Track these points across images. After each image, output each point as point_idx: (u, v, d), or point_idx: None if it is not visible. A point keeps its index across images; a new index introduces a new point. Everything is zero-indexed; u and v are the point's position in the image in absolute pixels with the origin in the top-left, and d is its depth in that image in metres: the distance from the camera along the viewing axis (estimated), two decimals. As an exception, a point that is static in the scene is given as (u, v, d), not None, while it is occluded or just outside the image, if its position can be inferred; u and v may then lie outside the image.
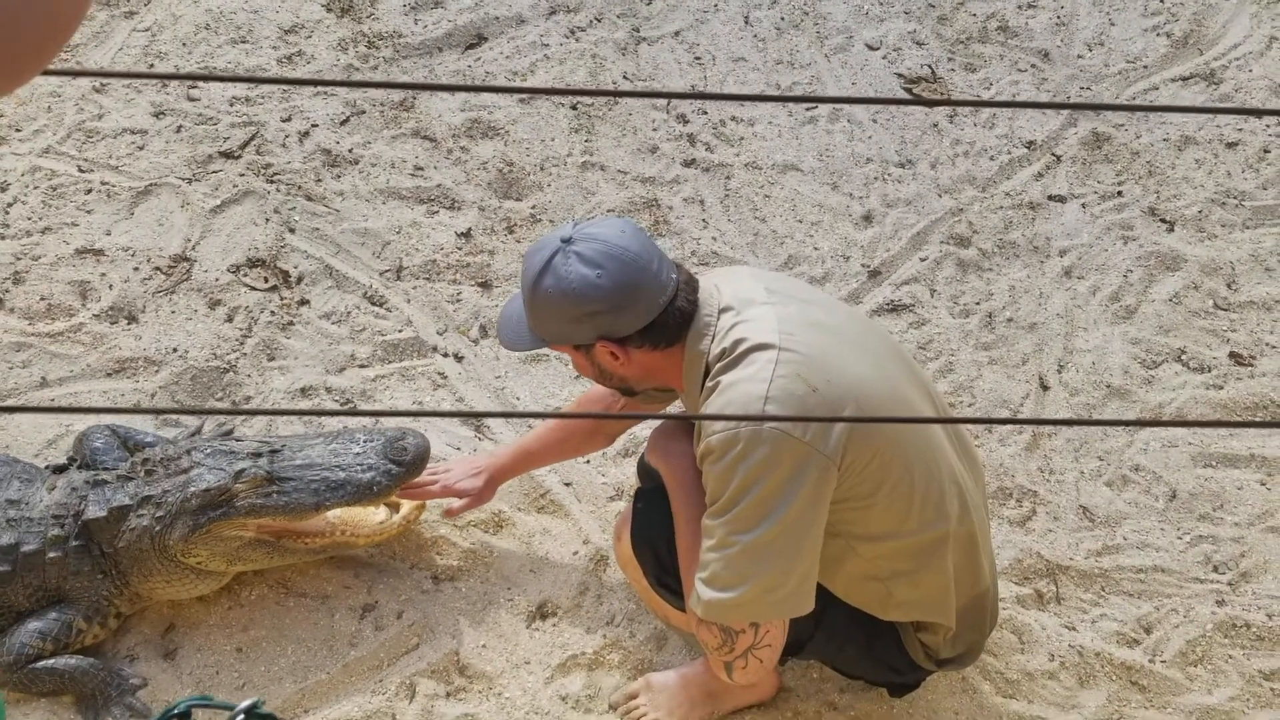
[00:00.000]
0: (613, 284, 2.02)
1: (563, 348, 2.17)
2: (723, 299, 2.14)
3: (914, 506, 2.14)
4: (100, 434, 2.90)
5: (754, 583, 2.05)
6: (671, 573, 2.29)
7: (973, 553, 2.30)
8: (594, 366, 2.18)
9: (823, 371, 2.02)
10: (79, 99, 3.92)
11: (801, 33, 4.30)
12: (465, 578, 2.87)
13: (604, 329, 2.07)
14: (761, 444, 1.98)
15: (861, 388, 2.05)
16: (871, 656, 2.37)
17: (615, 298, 2.03)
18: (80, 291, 3.41)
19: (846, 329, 2.16)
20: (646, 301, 2.06)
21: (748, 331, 2.06)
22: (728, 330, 2.09)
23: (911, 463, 2.12)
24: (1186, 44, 4.26)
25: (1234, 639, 2.79)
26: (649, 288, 2.06)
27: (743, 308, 2.11)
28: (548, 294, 2.06)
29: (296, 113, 3.93)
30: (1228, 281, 3.55)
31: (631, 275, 2.04)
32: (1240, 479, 3.10)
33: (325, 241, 3.58)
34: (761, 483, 2.00)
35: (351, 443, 2.74)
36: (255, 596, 2.82)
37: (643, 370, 2.15)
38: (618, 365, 2.14)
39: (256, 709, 0.81)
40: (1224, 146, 3.92)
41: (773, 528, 2.01)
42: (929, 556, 2.20)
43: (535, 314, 2.12)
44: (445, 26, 4.23)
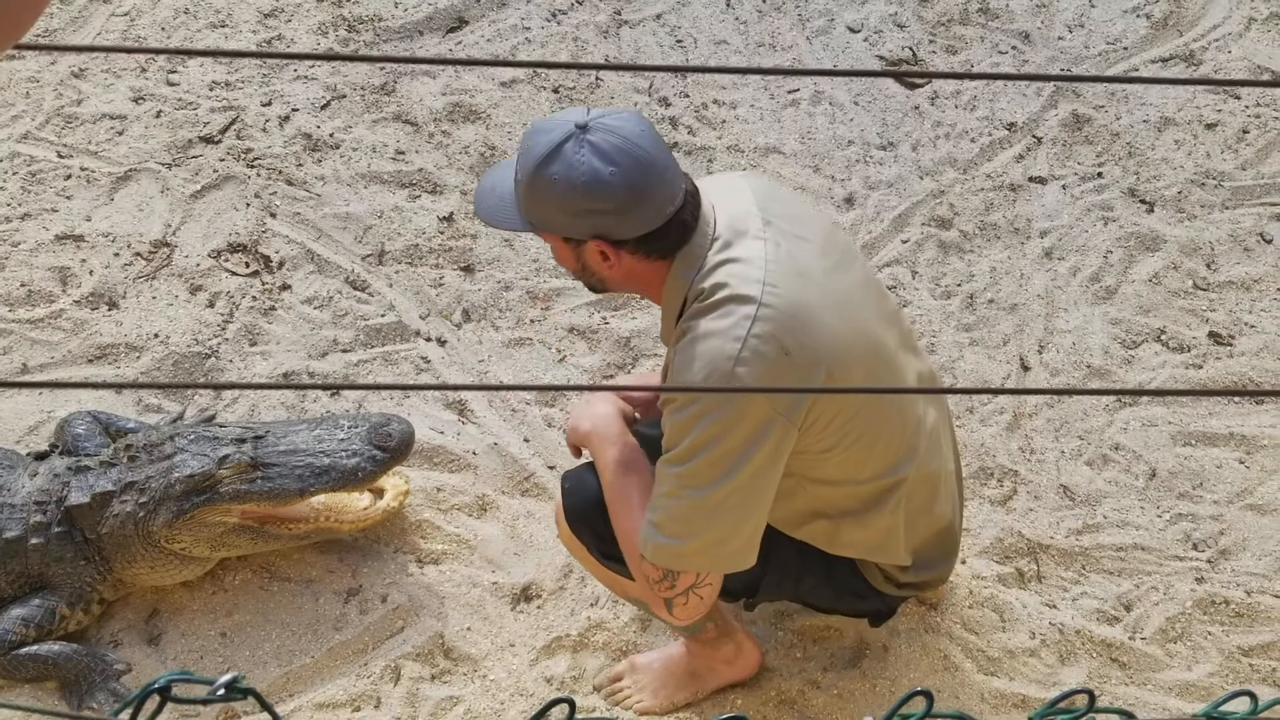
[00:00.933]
0: (624, 184, 1.90)
1: (550, 236, 2.05)
2: (718, 225, 2.05)
3: (871, 458, 2.14)
4: (82, 420, 2.89)
5: (702, 536, 2.03)
6: (611, 542, 2.25)
7: (931, 493, 2.28)
8: (577, 261, 2.07)
9: (799, 333, 1.96)
10: (57, 84, 3.90)
11: (783, 15, 4.30)
12: (450, 561, 2.88)
13: (603, 228, 1.96)
14: (725, 402, 1.96)
15: (836, 349, 2.00)
16: (833, 584, 2.35)
17: (624, 199, 1.92)
18: (60, 278, 3.40)
19: (830, 274, 2.09)
20: (653, 209, 1.95)
21: (731, 276, 1.98)
22: (714, 268, 2.00)
23: (875, 419, 2.11)
24: (1166, 25, 4.28)
25: (1213, 616, 2.82)
26: (658, 195, 1.95)
27: (734, 240, 2.02)
28: (552, 180, 1.92)
29: (277, 97, 3.91)
30: (1207, 262, 3.57)
31: (644, 178, 1.92)
32: (1219, 457, 3.13)
33: (307, 226, 3.57)
34: (720, 441, 1.96)
35: (336, 428, 2.74)
36: (239, 581, 2.82)
37: (627, 276, 2.06)
38: (604, 266, 2.04)
39: (237, 684, 0.82)
40: (1203, 128, 3.94)
41: (726, 486, 1.98)
42: (880, 501, 2.19)
43: (531, 197, 1.98)
44: (426, 10, 4.22)
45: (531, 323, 3.37)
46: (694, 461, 1.99)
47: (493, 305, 3.40)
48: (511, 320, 3.38)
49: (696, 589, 2.12)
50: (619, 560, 2.28)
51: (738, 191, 2.13)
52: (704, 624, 2.48)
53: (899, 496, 2.20)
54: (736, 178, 2.18)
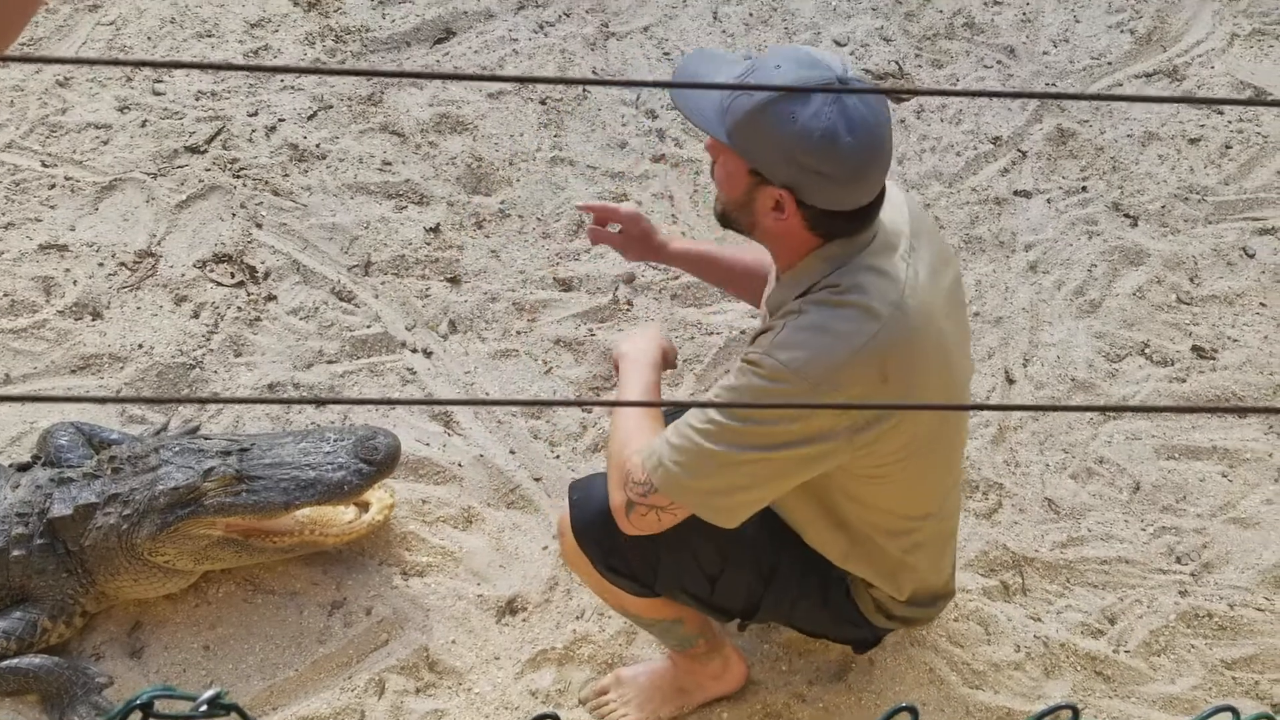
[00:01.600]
0: (851, 157, 1.85)
1: (733, 157, 1.94)
2: (880, 231, 2.02)
3: (910, 499, 2.18)
4: (65, 431, 2.88)
5: (706, 481, 2.01)
6: (617, 554, 2.24)
7: (942, 546, 2.35)
8: (745, 195, 1.97)
9: (903, 366, 1.96)
10: (42, 93, 3.88)
11: (770, 28, 4.32)
12: (435, 573, 2.87)
13: (803, 185, 1.88)
14: (803, 399, 1.93)
15: (924, 393, 2.00)
16: (827, 610, 2.36)
17: (842, 170, 1.86)
18: (44, 287, 3.38)
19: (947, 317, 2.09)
20: (856, 192, 1.91)
21: (871, 286, 1.94)
22: (859, 269, 1.96)
23: (928, 464, 2.15)
24: (1150, 41, 4.30)
25: (1196, 629, 2.83)
26: (869, 183, 1.91)
27: (885, 251, 1.99)
28: (788, 119, 1.83)
29: (263, 107, 3.91)
30: (1190, 276, 3.59)
31: (870, 161, 1.87)
32: (1202, 471, 3.14)
33: (293, 237, 3.56)
34: (777, 424, 1.95)
35: (322, 441, 2.73)
36: (223, 594, 2.81)
37: (779, 232, 1.99)
38: (767, 213, 1.96)
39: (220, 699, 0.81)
40: (1187, 143, 3.96)
41: (757, 455, 1.97)
42: (902, 536, 2.23)
43: (753, 122, 1.87)
44: (413, 21, 4.22)
45: (518, 334, 3.37)
46: (745, 423, 1.95)
47: (479, 317, 3.40)
48: (498, 332, 3.37)
49: (662, 512, 2.07)
50: (622, 574, 2.28)
51: (896, 206, 2.09)
52: (695, 639, 2.49)
53: (919, 539, 2.24)
54: (895, 189, 2.13)
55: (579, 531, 2.29)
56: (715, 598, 2.32)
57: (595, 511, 2.24)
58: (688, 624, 2.45)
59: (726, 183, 2.00)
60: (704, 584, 2.29)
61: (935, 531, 2.29)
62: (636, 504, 2.09)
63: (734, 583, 2.30)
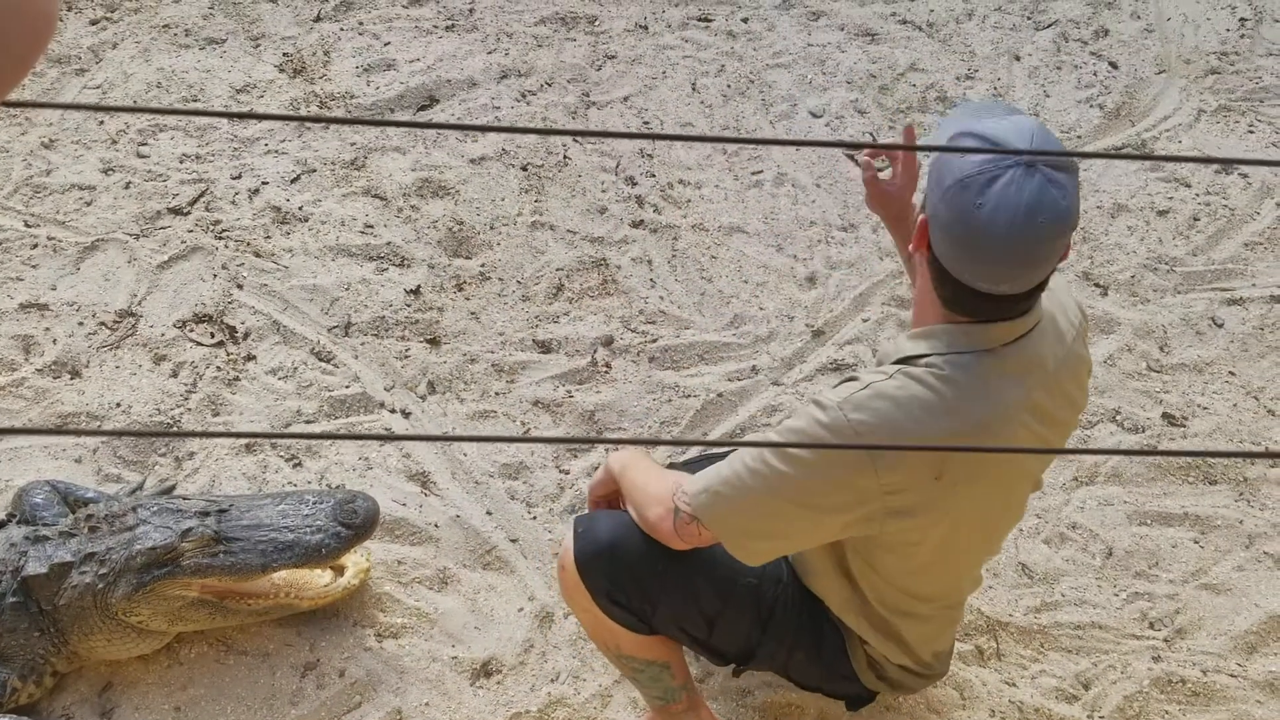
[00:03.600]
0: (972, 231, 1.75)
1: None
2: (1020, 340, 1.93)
3: (923, 582, 2.19)
4: (40, 489, 2.87)
5: (744, 517, 2.01)
6: (619, 587, 2.24)
7: (945, 626, 2.36)
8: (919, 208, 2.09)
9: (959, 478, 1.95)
10: (27, 154, 3.91)
11: (747, 100, 4.40)
12: (409, 635, 2.85)
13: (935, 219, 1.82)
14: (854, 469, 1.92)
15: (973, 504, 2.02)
16: (821, 662, 2.36)
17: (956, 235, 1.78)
18: (24, 346, 3.39)
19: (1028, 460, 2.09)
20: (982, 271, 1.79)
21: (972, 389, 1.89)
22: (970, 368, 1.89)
23: (956, 558, 2.16)
24: (1119, 115, 4.41)
25: (1170, 694, 2.84)
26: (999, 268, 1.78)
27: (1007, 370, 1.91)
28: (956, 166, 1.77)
29: (247, 170, 3.95)
30: (1160, 344, 3.65)
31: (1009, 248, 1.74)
32: (1175, 537, 3.17)
33: (273, 297, 3.58)
34: (825, 484, 1.94)
35: (301, 504, 2.72)
36: (195, 654, 2.78)
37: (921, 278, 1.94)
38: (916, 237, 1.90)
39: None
40: (1155, 214, 4.05)
41: (795, 510, 1.97)
42: (902, 615, 2.25)
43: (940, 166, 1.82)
44: (397, 88, 4.28)
45: (496, 395, 3.39)
46: (795, 472, 1.95)
47: (458, 378, 3.42)
48: (476, 393, 3.39)
49: (704, 533, 2.09)
50: (621, 607, 2.25)
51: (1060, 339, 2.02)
52: (679, 692, 2.47)
53: (921, 616, 2.26)
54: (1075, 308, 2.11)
55: (583, 562, 2.26)
56: (713, 640, 2.32)
57: (600, 542, 2.24)
58: (675, 672, 2.43)
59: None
60: (702, 625, 2.29)
61: (942, 614, 2.31)
62: (682, 529, 2.10)
63: (732, 627, 2.30)
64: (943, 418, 1.87)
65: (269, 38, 4.46)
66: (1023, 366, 1.92)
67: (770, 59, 4.57)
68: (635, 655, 2.38)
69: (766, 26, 4.73)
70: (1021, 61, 4.63)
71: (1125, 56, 4.67)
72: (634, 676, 2.47)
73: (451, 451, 3.24)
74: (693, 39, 4.63)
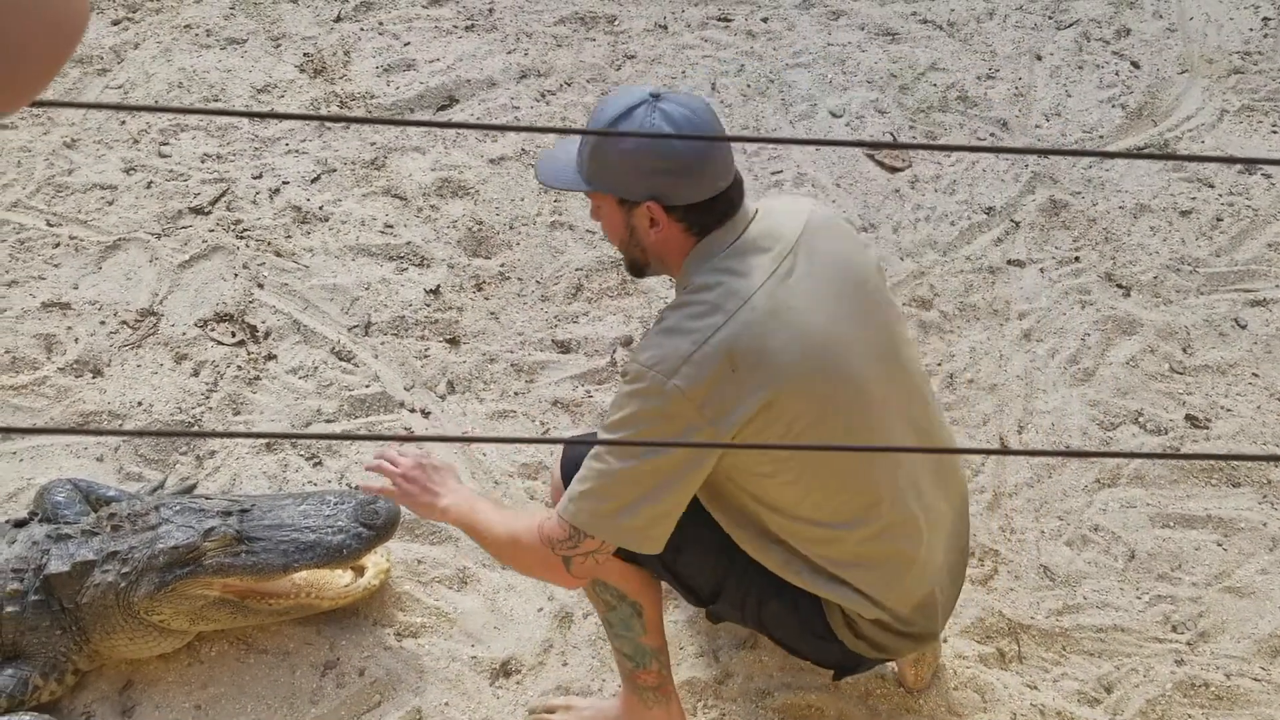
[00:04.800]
0: (688, 148, 2.02)
1: (605, 199, 2.14)
2: (750, 228, 2.13)
3: (818, 503, 2.15)
4: (62, 488, 2.88)
5: (612, 501, 2.10)
6: None
7: (899, 570, 2.25)
8: (626, 227, 2.14)
9: (753, 355, 2.03)
10: (49, 154, 3.94)
11: (767, 100, 4.39)
12: (429, 634, 2.86)
13: (661, 190, 2.05)
14: (661, 396, 2.03)
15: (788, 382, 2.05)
16: (798, 616, 2.32)
17: (685, 162, 2.03)
18: (46, 345, 3.40)
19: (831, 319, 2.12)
20: (709, 178, 2.05)
21: (720, 281, 2.06)
22: (717, 269, 2.08)
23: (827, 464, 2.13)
24: (1141, 115, 4.38)
25: (1193, 698, 2.82)
26: (716, 166, 2.06)
27: (752, 251, 2.10)
28: (620, 140, 2.04)
29: (267, 170, 3.96)
30: (1183, 346, 3.62)
31: (705, 147, 2.04)
32: (1198, 539, 3.15)
33: (294, 297, 3.59)
34: (644, 423, 2.06)
35: (322, 504, 2.73)
36: (215, 653, 2.79)
37: (665, 247, 2.14)
38: (650, 232, 2.11)
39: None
40: (1178, 215, 4.02)
41: (640, 465, 2.07)
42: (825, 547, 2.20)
43: (598, 155, 2.08)
44: (417, 88, 4.29)
45: (515, 395, 3.39)
46: (621, 431, 2.08)
47: (477, 378, 3.42)
48: (496, 393, 3.39)
49: (596, 555, 2.17)
50: None
51: (795, 215, 2.20)
52: (648, 657, 2.45)
53: (852, 551, 2.20)
54: (808, 204, 2.25)
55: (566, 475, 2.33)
56: (679, 565, 2.31)
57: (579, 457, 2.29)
58: (647, 625, 2.40)
59: (612, 229, 2.18)
60: (669, 550, 2.25)
61: (875, 550, 2.21)
62: (573, 558, 2.17)
63: (699, 557, 2.30)
64: (710, 315, 2.03)
65: (289, 38, 4.47)
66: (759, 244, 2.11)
67: (790, 59, 4.56)
68: (611, 584, 2.36)
69: (786, 26, 4.72)
70: (1043, 61, 4.61)
71: (1147, 56, 4.64)
72: (607, 617, 2.43)
73: (471, 451, 3.24)
74: (712, 38, 4.62)
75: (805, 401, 2.07)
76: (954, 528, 2.40)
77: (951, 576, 2.43)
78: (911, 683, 2.76)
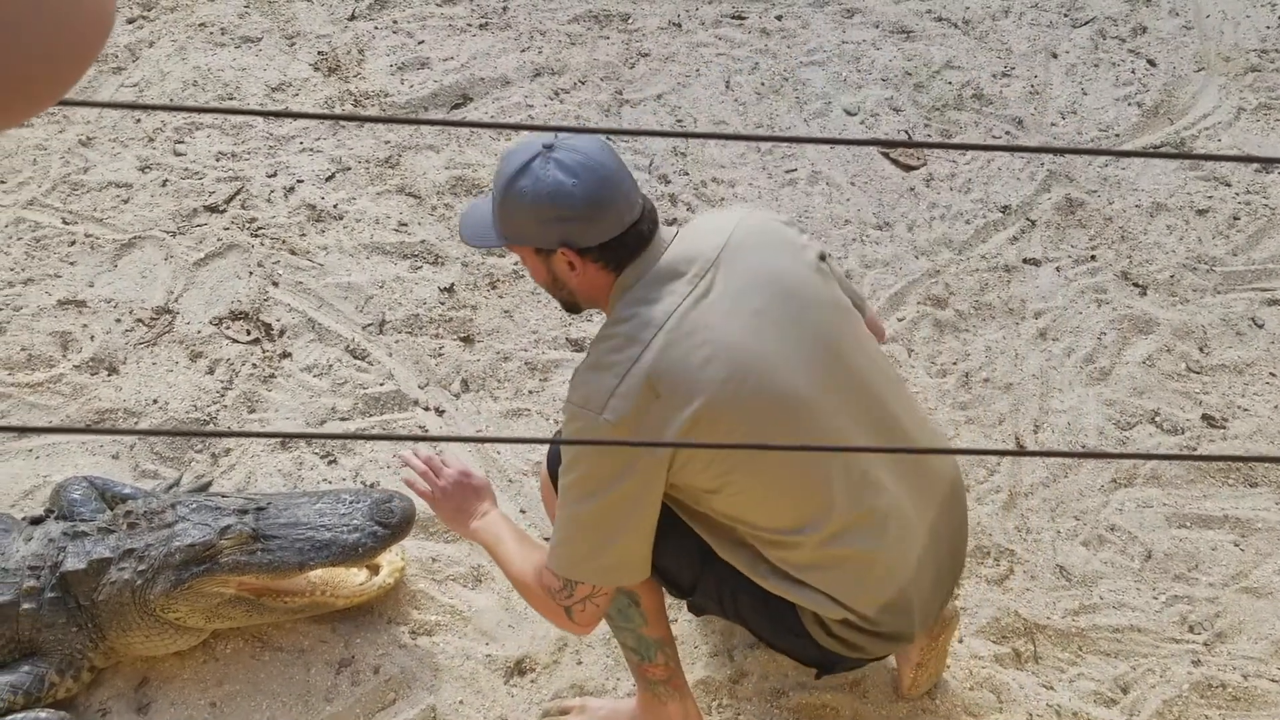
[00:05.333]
0: (585, 194, 2.08)
1: (523, 250, 2.21)
2: (665, 256, 2.17)
3: (769, 511, 2.17)
4: (78, 485, 2.89)
5: (584, 543, 2.17)
6: None
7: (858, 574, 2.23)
8: (549, 274, 2.22)
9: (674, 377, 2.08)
10: (65, 152, 3.95)
11: (781, 98, 4.38)
12: (443, 632, 2.86)
13: (569, 236, 2.11)
14: (595, 433, 2.10)
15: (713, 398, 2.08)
16: (769, 612, 2.32)
17: (586, 207, 2.09)
18: (61, 342, 3.41)
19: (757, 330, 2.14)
20: (614, 217, 2.11)
21: (635, 313, 2.13)
22: (628, 302, 2.15)
23: (763, 471, 2.14)
24: (1157, 114, 4.36)
25: (1210, 699, 2.80)
26: (618, 205, 2.11)
27: (666, 278, 2.15)
28: (521, 193, 2.10)
29: (282, 169, 3.96)
30: (1200, 345, 3.61)
31: (605, 189, 2.10)
32: (1215, 540, 3.13)
33: (308, 295, 3.59)
34: (587, 465, 2.12)
35: (338, 503, 2.73)
36: (230, 650, 2.79)
37: (590, 287, 2.21)
38: (572, 275, 2.18)
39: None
40: (1195, 213, 4.00)
41: (595, 505, 2.12)
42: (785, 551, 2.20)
43: (505, 212, 2.15)
44: (431, 86, 4.29)
45: (530, 393, 3.39)
46: (571, 477, 2.15)
47: (491, 376, 3.42)
48: (510, 391, 3.39)
49: (593, 599, 2.24)
50: None
51: (717, 232, 2.24)
52: (654, 650, 2.44)
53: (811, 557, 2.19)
54: (736, 216, 2.28)
55: (551, 469, 2.42)
56: (659, 557, 2.30)
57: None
58: (647, 616, 2.40)
59: (537, 276, 2.25)
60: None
61: (834, 553, 2.19)
62: (572, 608, 2.25)
63: (678, 545, 2.31)
64: (628, 347, 2.09)
65: (304, 36, 4.48)
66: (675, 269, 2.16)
67: (804, 56, 4.55)
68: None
69: (800, 24, 4.71)
70: (1059, 59, 4.60)
71: (1164, 54, 4.62)
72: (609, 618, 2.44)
73: (485, 450, 3.24)
74: (726, 36, 4.61)
75: (734, 414, 2.10)
76: (937, 523, 2.34)
77: (936, 574, 2.37)
78: (906, 688, 2.71)
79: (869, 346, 2.32)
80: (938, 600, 2.42)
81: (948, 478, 2.40)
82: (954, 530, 2.42)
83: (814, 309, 2.23)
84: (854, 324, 2.32)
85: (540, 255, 2.19)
